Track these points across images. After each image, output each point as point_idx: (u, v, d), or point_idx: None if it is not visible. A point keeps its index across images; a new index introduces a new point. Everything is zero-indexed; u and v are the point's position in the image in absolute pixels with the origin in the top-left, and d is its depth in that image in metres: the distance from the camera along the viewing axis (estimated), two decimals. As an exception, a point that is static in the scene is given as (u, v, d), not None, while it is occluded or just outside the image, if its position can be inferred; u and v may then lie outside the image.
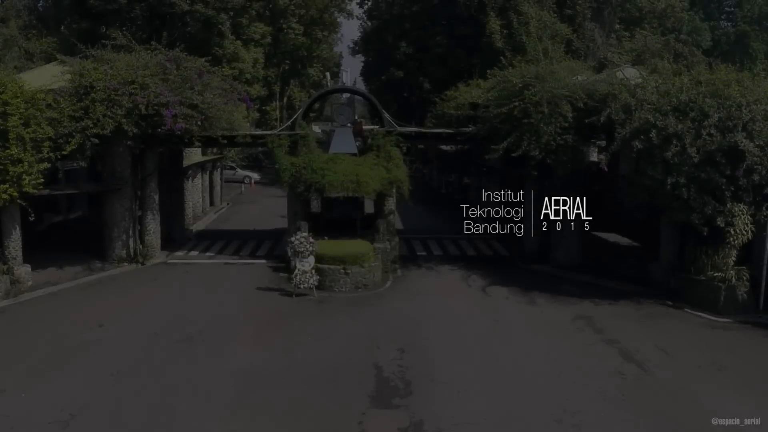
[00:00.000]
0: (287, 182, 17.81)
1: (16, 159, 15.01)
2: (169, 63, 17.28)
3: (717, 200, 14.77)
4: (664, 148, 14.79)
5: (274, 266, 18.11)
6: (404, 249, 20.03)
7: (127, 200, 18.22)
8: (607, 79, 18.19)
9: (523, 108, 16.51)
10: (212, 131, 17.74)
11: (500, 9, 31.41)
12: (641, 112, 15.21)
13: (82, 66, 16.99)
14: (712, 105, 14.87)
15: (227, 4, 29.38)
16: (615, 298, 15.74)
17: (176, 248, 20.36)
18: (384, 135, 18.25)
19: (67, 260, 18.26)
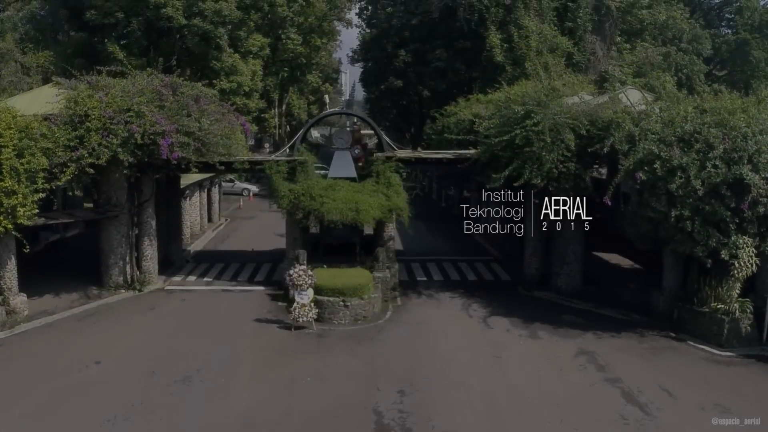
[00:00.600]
0: (286, 209, 17.61)
1: (11, 191, 14.76)
2: (165, 89, 17.02)
3: (721, 232, 14.56)
4: (668, 179, 14.58)
5: (272, 294, 17.90)
6: (404, 273, 19.82)
7: (123, 226, 18.00)
8: (610, 103, 18.01)
9: (524, 136, 16.30)
10: (209, 157, 17.53)
11: (500, 23, 31.14)
12: (645, 143, 15.00)
13: (77, 93, 16.72)
14: (717, 136, 14.65)
15: (225, 18, 29.08)
16: (617, 330, 15.56)
17: (174, 272, 20.16)
18: (384, 161, 18.03)
19: (64, 286, 18.07)
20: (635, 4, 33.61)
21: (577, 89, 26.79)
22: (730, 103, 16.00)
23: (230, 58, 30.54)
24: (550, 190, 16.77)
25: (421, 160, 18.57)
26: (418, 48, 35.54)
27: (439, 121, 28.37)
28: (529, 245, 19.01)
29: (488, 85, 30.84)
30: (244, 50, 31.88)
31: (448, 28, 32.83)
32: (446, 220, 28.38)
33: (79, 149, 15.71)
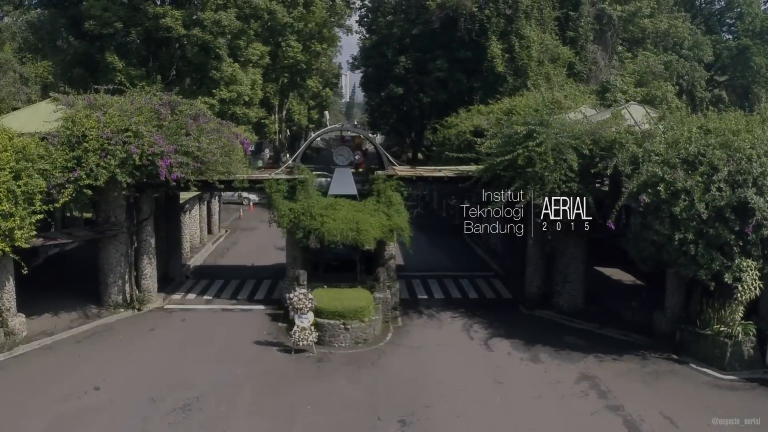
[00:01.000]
0: (286, 228, 17.48)
1: (7, 213, 14.62)
2: (164, 108, 16.86)
3: (725, 256, 14.42)
4: (672, 202, 14.44)
5: (272, 313, 17.77)
6: (405, 291, 19.69)
7: (122, 245, 17.87)
8: (613, 121, 17.88)
9: (527, 156, 16.16)
10: (209, 175, 17.38)
11: (502, 33, 30.97)
12: (649, 165, 14.87)
13: (74, 112, 16.57)
14: (721, 158, 14.52)
15: (224, 28, 28.90)
16: (619, 352, 15.44)
17: (173, 289, 20.02)
18: (384, 179, 17.89)
19: (63, 304, 17.95)
20: (637, 13, 33.44)
21: (578, 101, 26.80)
22: (734, 123, 15.88)
23: (230, 68, 30.37)
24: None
25: (422, 178, 18.43)
26: (419, 57, 35.36)
27: (440, 133, 28.25)
28: (531, 263, 18.89)
29: (489, 96, 30.80)
30: (243, 59, 31.69)
31: (449, 38, 32.66)
32: (447, 231, 28.22)
33: (77, 170, 15.54)
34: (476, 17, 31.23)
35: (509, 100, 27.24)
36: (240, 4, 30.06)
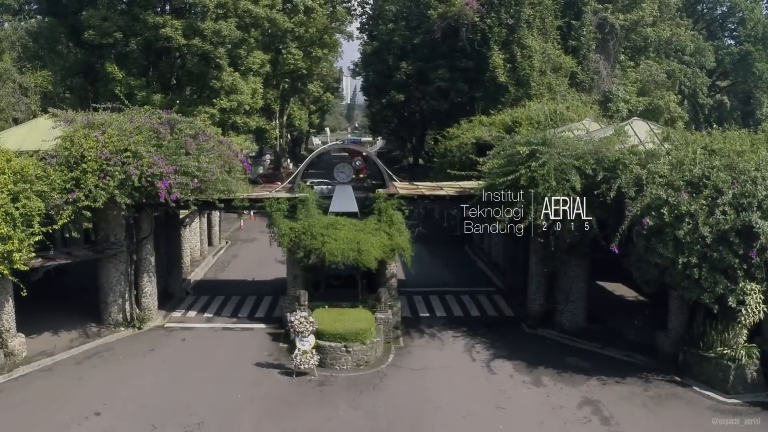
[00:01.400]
0: (286, 247, 17.38)
1: (6, 236, 14.52)
2: (163, 127, 16.74)
3: (729, 279, 14.32)
4: (676, 226, 14.34)
5: (272, 333, 17.67)
6: (406, 308, 19.57)
7: (122, 264, 17.77)
8: (616, 138, 17.76)
9: (529, 176, 16.05)
10: (209, 194, 17.26)
11: (503, 42, 30.80)
12: (653, 187, 14.76)
13: (73, 131, 16.44)
14: (726, 180, 14.41)
15: (225, 38, 28.75)
16: (622, 374, 15.34)
17: (174, 306, 19.93)
18: (386, 198, 17.78)
19: (63, 322, 17.85)
20: (639, 22, 33.28)
21: (581, 112, 26.70)
22: (738, 143, 15.75)
23: (230, 77, 30.23)
24: (555, 229, 16.53)
25: (423, 197, 18.31)
26: (420, 67, 35.19)
27: (441, 144, 28.13)
28: (533, 281, 18.79)
29: (491, 106, 30.69)
30: (244, 68, 31.55)
31: (451, 48, 32.51)
32: (449, 243, 28.04)
33: (76, 192, 15.43)
34: (478, 27, 31.05)
35: (511, 111, 27.12)
36: (240, 13, 29.89)
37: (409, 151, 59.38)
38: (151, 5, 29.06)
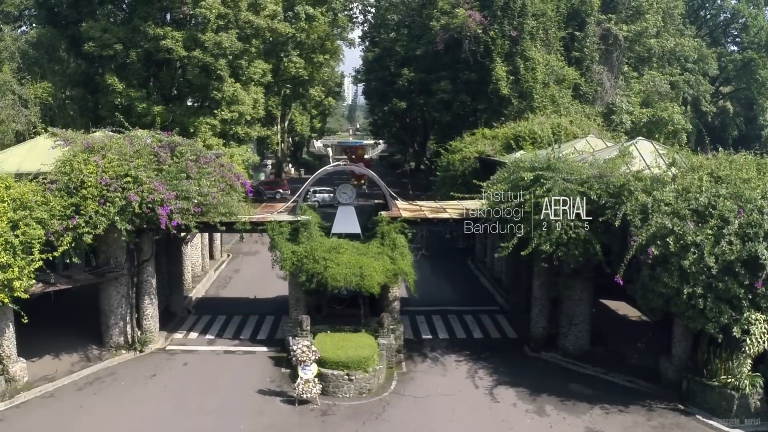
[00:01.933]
0: (288, 271, 17.28)
1: (6, 265, 14.43)
2: (163, 151, 16.59)
3: (733, 309, 14.20)
4: (681, 255, 14.22)
5: (275, 356, 17.58)
6: (408, 329, 19.45)
7: (123, 287, 17.68)
8: (621, 159, 17.63)
9: (534, 202, 15.92)
10: (210, 217, 17.16)
11: (506, 54, 30.59)
12: (658, 216, 14.62)
13: (72, 155, 16.29)
14: (732, 209, 14.28)
15: (225, 50, 28.56)
16: (625, 402, 15.25)
17: (175, 327, 19.83)
18: (389, 221, 17.66)
19: (63, 345, 17.75)
20: (643, 33, 33.05)
21: (584, 126, 26.55)
22: (745, 170, 15.60)
23: (231, 88, 30.06)
24: (558, 255, 16.44)
25: (426, 220, 18.18)
26: (423, 78, 34.98)
27: (443, 157, 27.98)
28: (537, 303, 18.68)
29: (494, 118, 30.53)
30: (245, 78, 31.38)
31: (453, 59, 32.30)
32: (451, 256, 27.92)
33: (76, 218, 15.31)
34: (481, 39, 30.83)
35: (514, 125, 26.96)
36: (241, 24, 29.69)
37: (411, 155, 59.23)
38: (151, 16, 28.86)
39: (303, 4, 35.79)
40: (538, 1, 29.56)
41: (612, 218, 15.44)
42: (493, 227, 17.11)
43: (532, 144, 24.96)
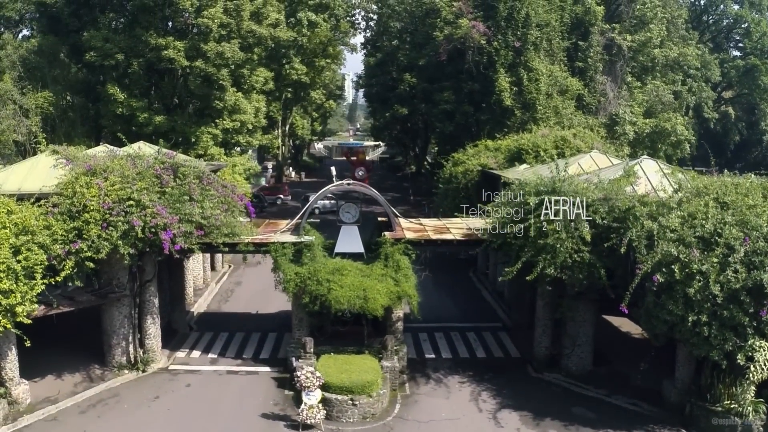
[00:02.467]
0: (291, 292, 17.23)
1: (8, 291, 14.36)
2: (166, 173, 16.49)
3: (738, 336, 14.20)
4: (686, 283, 14.18)
5: (278, 377, 17.54)
6: (411, 348, 19.40)
7: (126, 307, 17.63)
8: (626, 180, 17.57)
9: (539, 227, 15.86)
10: (213, 238, 17.10)
11: (510, 65, 30.39)
12: (664, 243, 14.57)
13: (74, 178, 16.18)
14: (738, 237, 14.23)
15: (227, 60, 28.39)
16: (629, 427, 15.26)
17: (178, 345, 19.79)
18: (392, 243, 17.59)
19: (66, 364, 17.69)
20: (647, 43, 32.87)
21: (588, 139, 26.43)
22: (751, 196, 15.52)
23: (233, 97, 29.91)
24: (563, 280, 16.41)
25: (430, 242, 18.12)
26: (426, 88, 34.78)
27: (446, 169, 27.86)
28: (540, 324, 18.65)
29: (497, 129, 30.38)
30: (247, 87, 31.22)
31: (456, 69, 32.08)
32: (453, 268, 27.83)
33: (78, 242, 15.24)
34: (484, 49, 30.63)
35: (518, 137, 26.85)
36: (244, 33, 29.51)
37: (412, 159, 59.10)
38: (153, 26, 28.67)
39: (305, 10, 35.61)
40: (542, 12, 29.37)
41: (617, 244, 15.39)
42: (498, 246, 17.11)
43: (535, 158, 24.88)
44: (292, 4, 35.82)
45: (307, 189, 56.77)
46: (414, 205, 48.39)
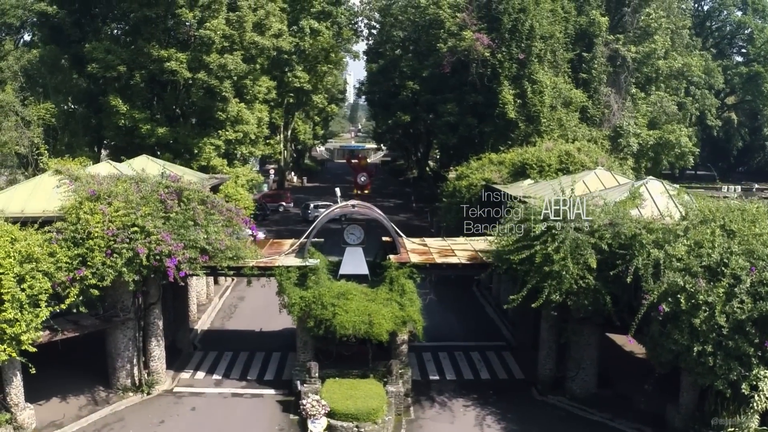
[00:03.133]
0: (296, 316, 17.23)
1: (13, 319, 14.35)
2: (170, 198, 16.43)
3: (743, 366, 14.19)
4: (692, 314, 14.17)
5: (282, 401, 17.55)
6: (415, 367, 19.41)
7: (130, 330, 17.63)
8: (631, 202, 17.53)
9: (544, 254, 15.82)
10: (217, 261, 17.07)
11: (514, 77, 30.22)
12: (670, 273, 14.54)
13: (78, 202, 16.12)
14: (744, 267, 14.20)
15: (230, 72, 28.26)
16: (634, 455, 15.32)
17: (182, 366, 19.78)
18: (397, 267, 17.57)
19: (71, 386, 17.68)
20: (651, 54, 32.72)
21: (592, 154, 26.33)
22: (758, 224, 15.46)
23: (236, 108, 29.81)
24: (568, 305, 16.39)
25: (435, 266, 18.09)
26: (429, 99, 34.61)
27: (449, 184, 27.79)
28: (545, 346, 18.65)
29: (500, 141, 30.29)
30: (249, 97, 31.10)
31: (460, 81, 31.90)
32: (457, 283, 27.72)
33: (83, 270, 15.20)
34: (488, 62, 30.46)
35: (522, 150, 26.77)
36: (246, 45, 29.37)
37: (414, 163, 58.98)
38: (155, 37, 28.53)
39: (308, 18, 35.45)
40: (546, 24, 29.20)
41: (623, 272, 15.36)
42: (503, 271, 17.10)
43: (540, 173, 24.81)
44: (294, 11, 35.66)
45: (309, 195, 56.74)
46: (416, 212, 48.33)
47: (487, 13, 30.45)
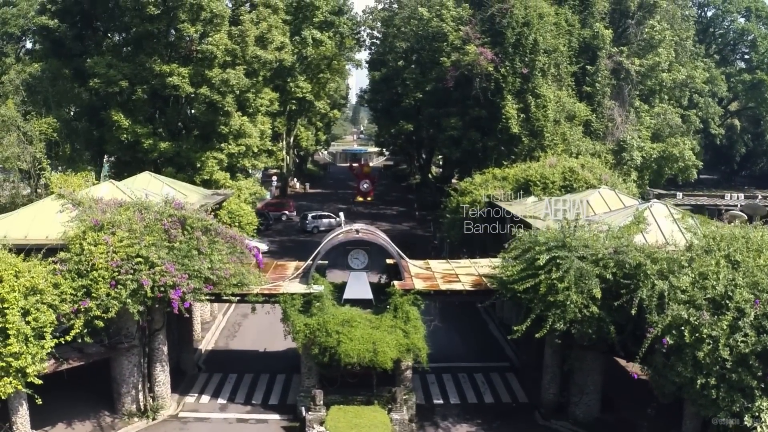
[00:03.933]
0: (301, 344, 17.26)
1: (18, 353, 14.37)
2: (174, 227, 16.41)
3: (745, 397, 14.21)
4: (696, 346, 14.18)
5: (287, 426, 17.60)
6: (419, 390, 19.45)
7: (135, 356, 17.68)
8: (635, 227, 17.52)
9: (549, 284, 15.83)
10: (221, 288, 17.10)
11: (517, 92, 30.08)
12: (674, 306, 14.54)
13: (82, 231, 16.13)
14: (749, 299, 14.20)
15: (233, 87, 28.18)
16: (637, 485, 15.33)
17: (186, 389, 19.84)
18: (402, 293, 17.58)
19: (76, 412, 17.72)
20: (655, 67, 32.56)
21: (596, 171, 26.28)
22: (763, 255, 15.43)
23: (238, 121, 29.75)
24: (572, 333, 16.41)
25: (439, 292, 18.11)
26: (432, 113, 34.48)
27: (453, 199, 27.76)
28: (548, 371, 18.69)
29: (504, 156, 30.23)
30: (252, 110, 31.03)
31: (463, 95, 31.76)
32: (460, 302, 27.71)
33: (87, 301, 15.22)
34: (492, 76, 30.33)
35: (525, 165, 26.72)
36: (249, 59, 29.27)
37: (417, 169, 58.86)
38: (157, 52, 28.45)
39: (310, 28, 35.34)
40: (549, 37, 29.08)
41: (628, 304, 15.36)
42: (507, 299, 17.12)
43: (543, 189, 24.77)
44: (296, 21, 35.54)
45: (312, 202, 56.51)
46: (419, 220, 48.20)
47: (490, 26, 30.31)
